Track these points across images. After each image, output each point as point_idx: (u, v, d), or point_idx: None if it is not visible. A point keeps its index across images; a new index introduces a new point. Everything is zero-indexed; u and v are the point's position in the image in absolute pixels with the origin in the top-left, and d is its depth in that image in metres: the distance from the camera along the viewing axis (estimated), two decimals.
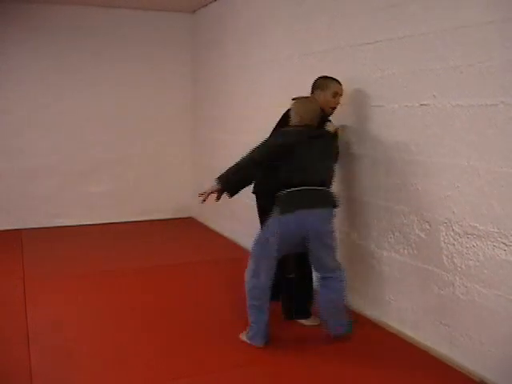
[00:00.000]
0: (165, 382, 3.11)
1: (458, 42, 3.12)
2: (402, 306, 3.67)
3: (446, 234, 3.26)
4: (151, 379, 3.12)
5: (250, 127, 5.74)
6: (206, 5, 6.85)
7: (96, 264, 5.40)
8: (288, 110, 3.72)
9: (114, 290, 4.60)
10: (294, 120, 3.56)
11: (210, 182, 3.49)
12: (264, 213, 3.77)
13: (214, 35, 6.73)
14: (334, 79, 3.85)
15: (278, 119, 3.93)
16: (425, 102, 3.35)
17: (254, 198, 4.00)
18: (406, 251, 3.58)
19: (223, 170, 3.49)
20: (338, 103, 3.85)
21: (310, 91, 3.92)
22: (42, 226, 6.92)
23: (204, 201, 3.46)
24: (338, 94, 3.82)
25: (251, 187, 3.84)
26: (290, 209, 3.35)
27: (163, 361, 3.32)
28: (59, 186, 7.02)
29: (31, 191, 6.90)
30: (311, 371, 3.20)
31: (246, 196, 3.71)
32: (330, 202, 3.46)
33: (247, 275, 3.50)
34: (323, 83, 3.83)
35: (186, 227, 7.23)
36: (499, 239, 2.92)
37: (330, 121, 3.83)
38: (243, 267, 3.55)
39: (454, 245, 3.21)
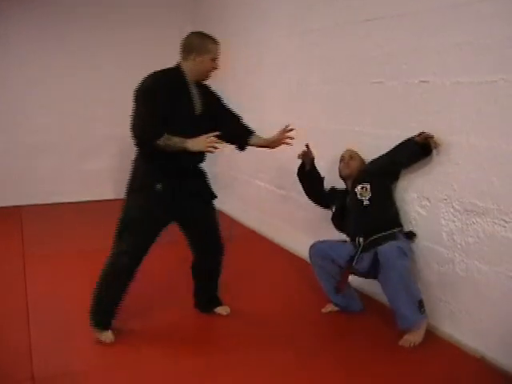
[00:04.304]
0: (168, 357, 3.11)
1: (457, 19, 3.08)
2: None
3: (446, 211, 3.26)
4: (148, 356, 3.13)
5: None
6: None
7: (96, 241, 5.30)
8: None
9: None
10: None
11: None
12: None
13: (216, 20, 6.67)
14: (211, 38, 3.14)
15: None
16: (424, 79, 3.33)
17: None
18: (405, 228, 3.57)
19: None
20: (216, 67, 3.19)
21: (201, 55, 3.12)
22: (41, 202, 6.88)
23: None
24: (216, 59, 3.15)
25: None
26: None
27: (161, 337, 3.35)
28: (59, 162, 7.00)
29: (31, 167, 6.88)
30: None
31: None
32: None
33: None
34: (201, 45, 3.10)
35: None
36: (499, 216, 2.92)
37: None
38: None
39: (453, 221, 3.22)
